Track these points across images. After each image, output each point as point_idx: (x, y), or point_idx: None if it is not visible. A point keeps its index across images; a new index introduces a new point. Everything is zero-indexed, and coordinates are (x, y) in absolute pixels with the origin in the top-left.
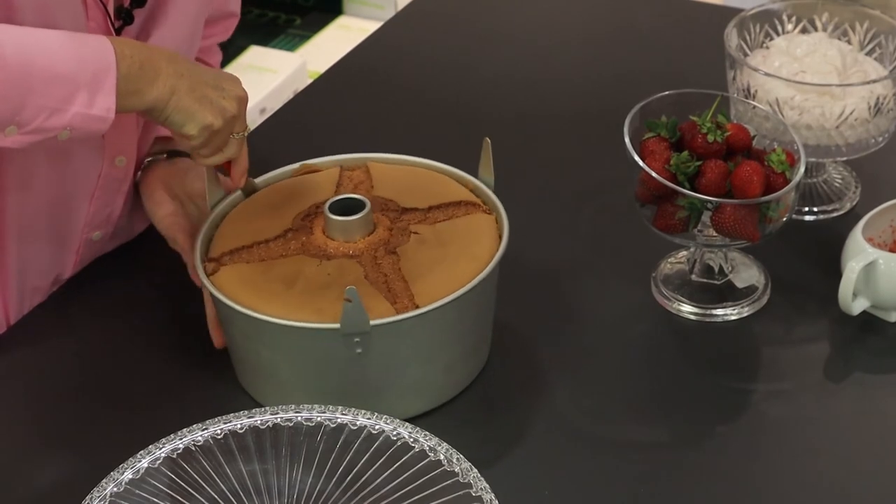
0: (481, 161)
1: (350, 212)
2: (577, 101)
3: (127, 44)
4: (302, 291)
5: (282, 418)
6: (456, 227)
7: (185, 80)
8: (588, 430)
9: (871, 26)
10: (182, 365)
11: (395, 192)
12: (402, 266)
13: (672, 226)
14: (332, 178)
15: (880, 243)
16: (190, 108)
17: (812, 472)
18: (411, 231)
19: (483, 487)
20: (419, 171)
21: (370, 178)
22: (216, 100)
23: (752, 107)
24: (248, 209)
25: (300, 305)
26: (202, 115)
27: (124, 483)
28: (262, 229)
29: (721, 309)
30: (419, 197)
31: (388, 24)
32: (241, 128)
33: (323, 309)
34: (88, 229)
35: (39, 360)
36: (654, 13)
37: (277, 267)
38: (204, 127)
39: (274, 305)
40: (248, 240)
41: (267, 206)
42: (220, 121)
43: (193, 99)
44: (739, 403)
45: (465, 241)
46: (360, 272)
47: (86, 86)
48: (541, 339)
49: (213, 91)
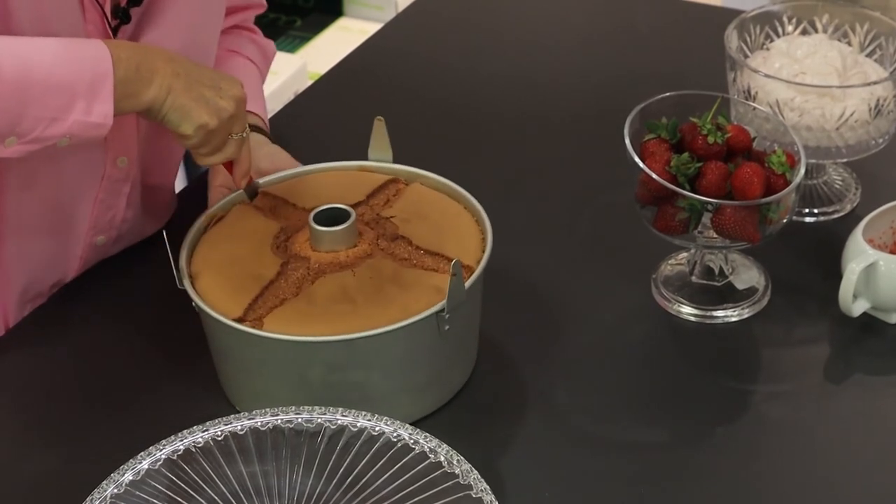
0: (372, 141)
1: (335, 222)
2: (577, 102)
3: (123, 46)
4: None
5: (282, 420)
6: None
7: (181, 80)
8: (588, 431)
9: (872, 28)
10: (182, 367)
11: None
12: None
13: (672, 227)
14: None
15: (881, 245)
16: (185, 106)
17: (812, 473)
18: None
19: (483, 489)
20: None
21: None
22: (212, 99)
23: (753, 108)
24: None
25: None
26: (197, 114)
27: (125, 484)
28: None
29: (721, 310)
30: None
31: (388, 26)
32: (240, 128)
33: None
34: (92, 233)
35: (39, 361)
36: (654, 15)
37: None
38: (199, 126)
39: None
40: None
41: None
42: (215, 120)
43: (189, 98)
44: (740, 404)
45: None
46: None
47: (83, 94)
48: (541, 341)
49: (209, 90)
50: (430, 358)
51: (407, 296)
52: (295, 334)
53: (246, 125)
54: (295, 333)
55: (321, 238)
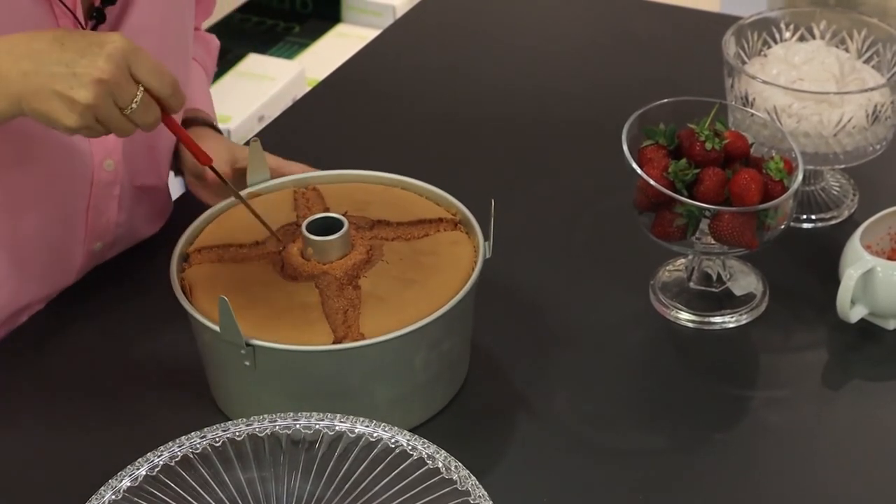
0: (250, 162)
1: (326, 232)
2: (575, 108)
3: None
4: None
5: (280, 426)
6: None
7: (31, 81)
8: (586, 438)
9: (869, 34)
10: (181, 372)
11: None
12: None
13: (670, 233)
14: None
15: (878, 251)
16: (43, 111)
17: (810, 479)
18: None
19: (481, 495)
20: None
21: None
22: (65, 92)
23: (750, 114)
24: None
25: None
26: (55, 117)
27: (122, 490)
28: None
29: (719, 316)
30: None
31: (386, 32)
32: (124, 102)
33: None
34: (90, 241)
35: (36, 367)
36: (652, 21)
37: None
38: (66, 128)
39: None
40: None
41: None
42: (74, 118)
43: (41, 101)
44: (738, 411)
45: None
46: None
47: None
48: (539, 347)
49: (64, 84)
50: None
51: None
52: (394, 331)
53: (134, 94)
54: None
55: (329, 248)
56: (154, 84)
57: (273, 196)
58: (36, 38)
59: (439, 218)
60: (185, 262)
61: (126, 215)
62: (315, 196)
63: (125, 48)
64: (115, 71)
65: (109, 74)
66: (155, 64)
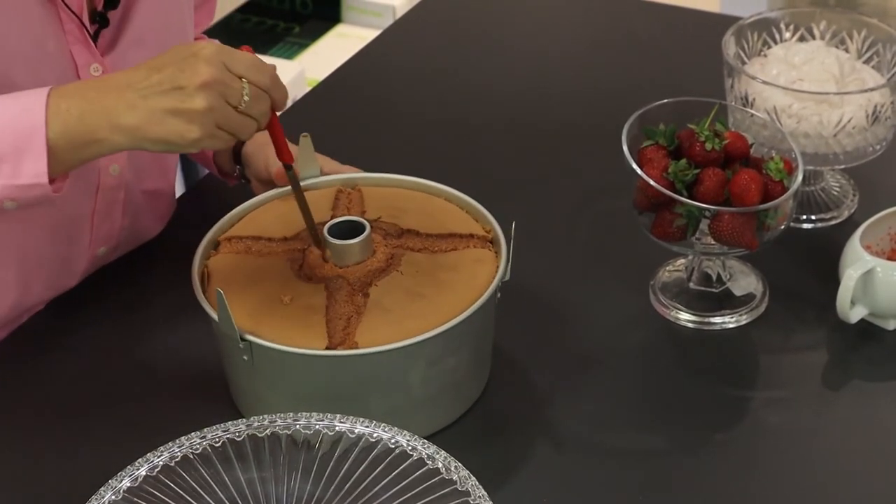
0: (299, 157)
1: (350, 235)
2: (575, 109)
3: (67, 94)
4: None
5: (280, 426)
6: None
7: (140, 110)
8: (586, 438)
9: (869, 34)
10: (181, 373)
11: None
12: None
13: (670, 234)
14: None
15: (878, 251)
16: (162, 135)
17: (810, 479)
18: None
19: (481, 496)
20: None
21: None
22: (179, 107)
23: (750, 115)
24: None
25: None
26: (177, 136)
27: (122, 491)
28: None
29: (719, 317)
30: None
31: (386, 33)
32: (236, 99)
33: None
34: (94, 246)
35: (36, 367)
36: (652, 21)
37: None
38: (191, 142)
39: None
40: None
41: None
42: (195, 129)
43: (157, 126)
44: (738, 411)
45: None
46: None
47: (7, 156)
48: (539, 348)
49: (173, 99)
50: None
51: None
52: (389, 343)
53: (241, 87)
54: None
55: (347, 252)
56: (254, 76)
57: (317, 193)
58: (128, 72)
59: (471, 234)
60: (214, 249)
61: (130, 219)
62: (357, 197)
63: (217, 50)
64: (217, 72)
65: (213, 76)
66: (251, 58)
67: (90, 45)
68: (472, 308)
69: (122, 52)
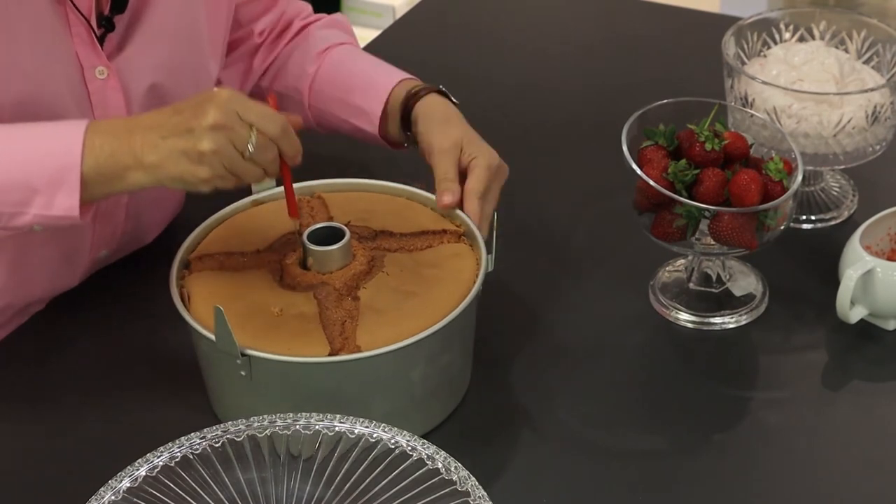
0: None
1: (327, 241)
2: (575, 109)
3: (101, 131)
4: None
5: (280, 427)
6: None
7: (159, 150)
8: (586, 439)
9: (869, 35)
10: (182, 373)
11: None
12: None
13: (670, 234)
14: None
15: (878, 251)
16: (176, 174)
17: (810, 480)
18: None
19: (481, 496)
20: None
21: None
22: (189, 148)
23: (750, 115)
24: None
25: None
26: (189, 175)
27: (122, 491)
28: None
29: (719, 317)
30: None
31: (386, 33)
32: (242, 145)
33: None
34: (96, 248)
35: (36, 367)
36: (652, 22)
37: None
38: (202, 181)
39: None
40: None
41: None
42: (204, 169)
43: (172, 165)
44: (737, 411)
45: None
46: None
47: (43, 189)
48: (538, 348)
49: (185, 141)
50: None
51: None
52: (391, 344)
53: (247, 135)
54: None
55: (330, 258)
56: (263, 125)
57: (279, 204)
58: (154, 113)
59: (443, 229)
60: (186, 269)
61: (133, 223)
62: (319, 205)
63: (230, 97)
64: (226, 116)
65: (222, 120)
66: (263, 108)
67: (96, 48)
68: (466, 302)
69: (129, 57)
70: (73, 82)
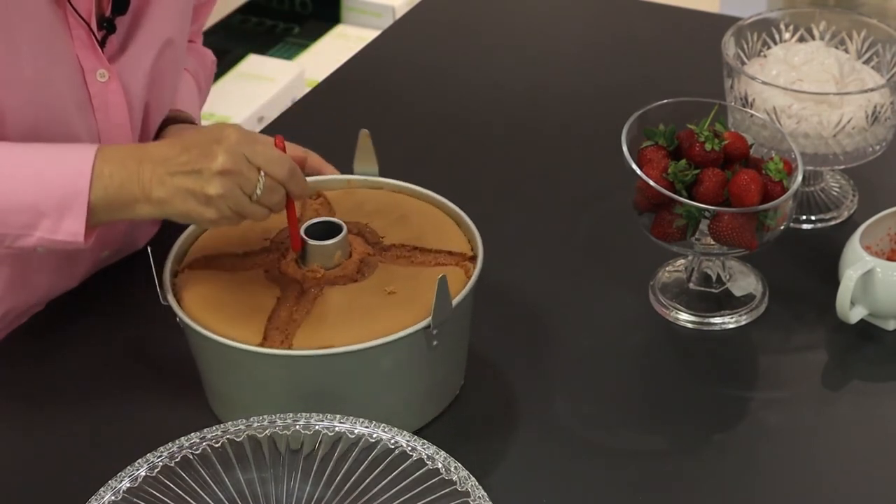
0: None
1: (327, 236)
2: (575, 109)
3: (111, 160)
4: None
5: (280, 427)
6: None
7: (167, 185)
8: (586, 439)
9: (869, 35)
10: (181, 373)
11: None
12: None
13: (670, 234)
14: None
15: (878, 252)
16: (183, 210)
17: (810, 480)
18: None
19: (481, 496)
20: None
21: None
22: (197, 190)
23: (750, 115)
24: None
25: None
26: (196, 214)
27: (122, 491)
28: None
29: (719, 317)
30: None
31: (386, 33)
32: (250, 189)
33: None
34: (98, 249)
35: (36, 367)
36: (652, 22)
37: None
38: (208, 221)
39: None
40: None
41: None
42: (211, 211)
43: (180, 202)
44: (737, 411)
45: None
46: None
47: (50, 213)
48: (538, 348)
49: (193, 181)
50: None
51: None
52: (315, 348)
53: (256, 180)
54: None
55: (321, 253)
56: (271, 169)
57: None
58: (164, 146)
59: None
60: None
61: (135, 224)
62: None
63: (240, 140)
64: (235, 162)
65: (231, 166)
66: (271, 151)
67: (97, 51)
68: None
69: (130, 59)
70: (74, 85)
